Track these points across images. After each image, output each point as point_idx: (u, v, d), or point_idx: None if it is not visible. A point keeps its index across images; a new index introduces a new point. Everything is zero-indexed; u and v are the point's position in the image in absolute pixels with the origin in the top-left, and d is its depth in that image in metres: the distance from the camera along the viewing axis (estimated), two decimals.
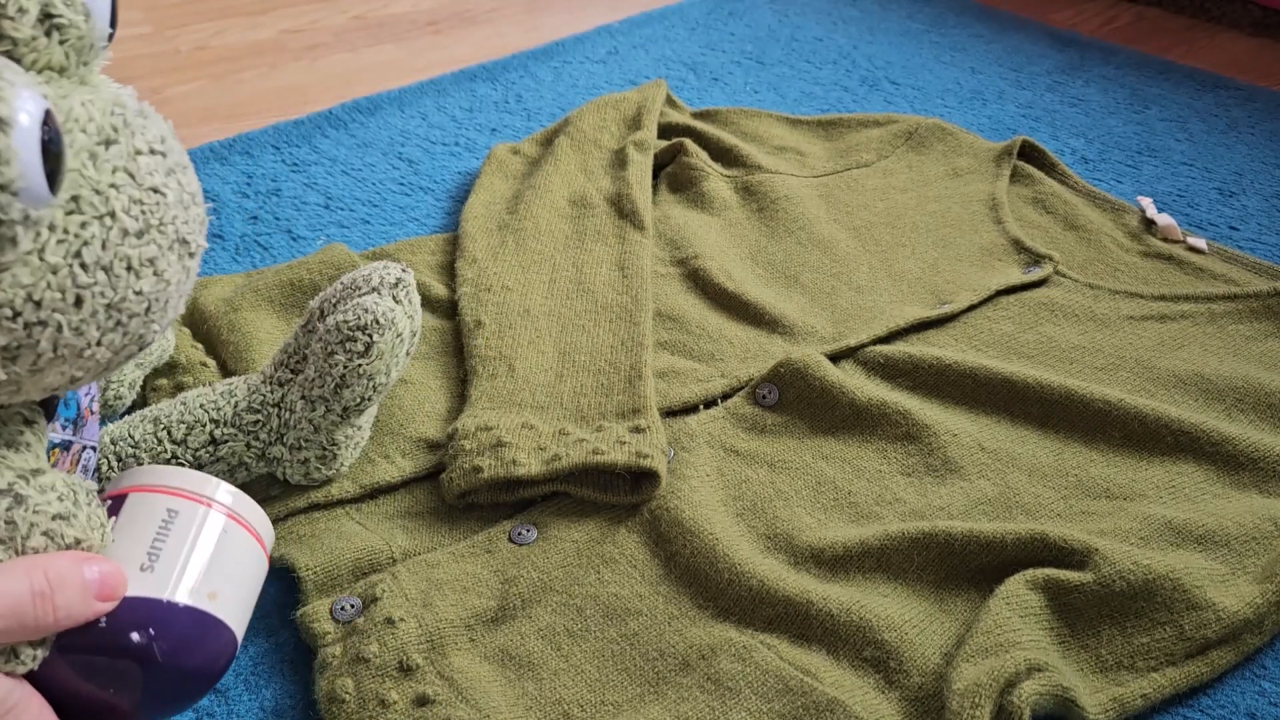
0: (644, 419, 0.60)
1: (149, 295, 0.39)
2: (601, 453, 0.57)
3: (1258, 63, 1.16)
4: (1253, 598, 0.52)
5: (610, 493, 0.58)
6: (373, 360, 0.55)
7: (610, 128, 0.90)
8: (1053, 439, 0.62)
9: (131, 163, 0.38)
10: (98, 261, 0.37)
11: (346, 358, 0.55)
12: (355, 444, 0.59)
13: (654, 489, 0.58)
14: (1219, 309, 0.72)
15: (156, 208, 0.38)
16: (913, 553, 0.54)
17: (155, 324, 0.40)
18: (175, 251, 0.39)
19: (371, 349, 0.55)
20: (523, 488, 0.58)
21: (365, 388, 0.56)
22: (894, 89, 1.09)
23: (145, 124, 0.39)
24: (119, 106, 0.38)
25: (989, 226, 0.81)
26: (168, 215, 0.39)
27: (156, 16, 1.22)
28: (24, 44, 0.36)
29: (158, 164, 0.39)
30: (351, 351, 0.55)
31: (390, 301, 0.56)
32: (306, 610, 0.53)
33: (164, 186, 0.39)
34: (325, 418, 0.56)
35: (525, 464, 0.57)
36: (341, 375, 0.55)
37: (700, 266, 0.76)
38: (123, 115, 0.38)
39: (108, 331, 0.38)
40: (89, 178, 0.36)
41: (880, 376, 0.66)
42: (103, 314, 0.37)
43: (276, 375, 0.58)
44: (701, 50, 1.16)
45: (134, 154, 0.38)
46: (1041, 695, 0.47)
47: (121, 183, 0.37)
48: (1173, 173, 0.93)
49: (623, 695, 0.49)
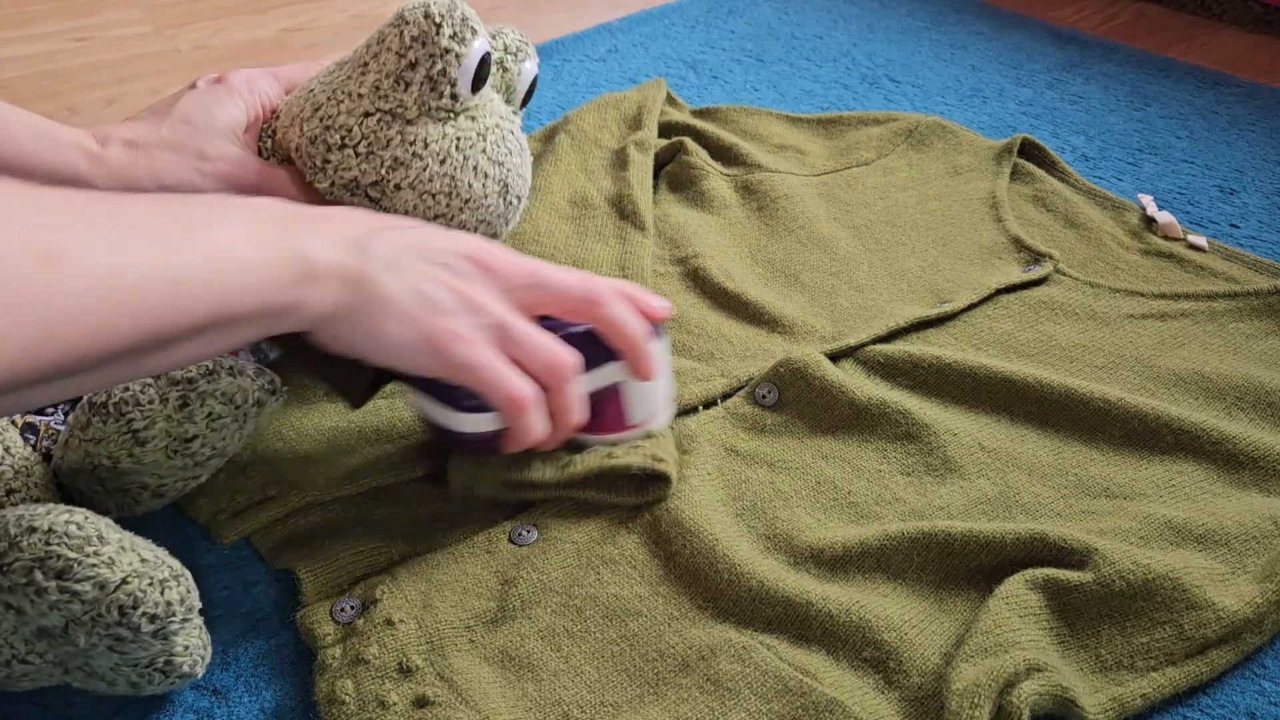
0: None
1: (478, 196, 0.60)
2: (615, 456, 0.57)
3: (1258, 60, 1.16)
4: (1253, 597, 0.51)
5: (615, 493, 0.58)
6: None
7: (611, 127, 0.90)
8: (1052, 438, 0.62)
9: (506, 123, 0.62)
10: (465, 154, 0.60)
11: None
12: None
13: (664, 491, 0.57)
14: (1220, 307, 0.71)
15: (506, 154, 0.62)
16: (912, 553, 0.54)
17: (464, 219, 0.61)
18: (499, 188, 0.62)
19: (89, 429, 0.53)
20: (529, 489, 0.58)
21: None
22: (894, 87, 1.09)
23: (518, 132, 0.64)
24: (513, 111, 0.66)
25: (989, 225, 0.81)
26: (510, 163, 0.62)
27: (156, 16, 1.22)
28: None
29: (513, 143, 0.62)
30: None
31: (139, 390, 0.53)
32: (306, 612, 0.53)
33: (513, 153, 0.62)
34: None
35: (539, 469, 0.57)
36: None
37: (700, 266, 0.76)
38: (512, 116, 0.65)
39: (454, 199, 0.60)
40: (483, 108, 0.61)
41: (880, 376, 0.66)
42: (449, 186, 0.60)
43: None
44: (701, 48, 1.16)
45: (509, 123, 0.63)
46: (1041, 695, 0.47)
47: (499, 124, 0.62)
48: (1173, 170, 0.93)
49: (622, 696, 0.49)
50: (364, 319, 0.48)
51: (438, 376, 0.51)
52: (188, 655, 0.48)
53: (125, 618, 0.44)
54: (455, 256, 0.51)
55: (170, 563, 0.47)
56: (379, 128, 0.58)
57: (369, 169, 0.58)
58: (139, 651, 0.46)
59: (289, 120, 0.60)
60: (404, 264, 0.49)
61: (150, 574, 0.45)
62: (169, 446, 0.54)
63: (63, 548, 0.44)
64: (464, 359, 0.49)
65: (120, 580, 0.44)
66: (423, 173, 0.58)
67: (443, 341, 0.49)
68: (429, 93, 0.58)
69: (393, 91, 0.58)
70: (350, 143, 0.58)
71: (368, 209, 0.59)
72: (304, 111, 0.60)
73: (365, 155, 0.57)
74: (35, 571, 0.43)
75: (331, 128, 0.58)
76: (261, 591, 0.56)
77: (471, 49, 0.57)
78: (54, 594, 0.43)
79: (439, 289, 0.50)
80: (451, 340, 0.49)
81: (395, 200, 0.59)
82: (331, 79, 0.60)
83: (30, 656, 0.46)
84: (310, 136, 0.59)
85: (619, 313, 0.53)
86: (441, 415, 0.54)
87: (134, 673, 0.47)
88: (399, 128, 0.58)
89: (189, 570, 0.47)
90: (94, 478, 0.54)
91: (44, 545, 0.44)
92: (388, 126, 0.58)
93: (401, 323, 0.49)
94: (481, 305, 0.50)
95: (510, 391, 0.50)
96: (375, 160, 0.57)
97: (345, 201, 0.59)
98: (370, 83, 0.58)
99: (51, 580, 0.43)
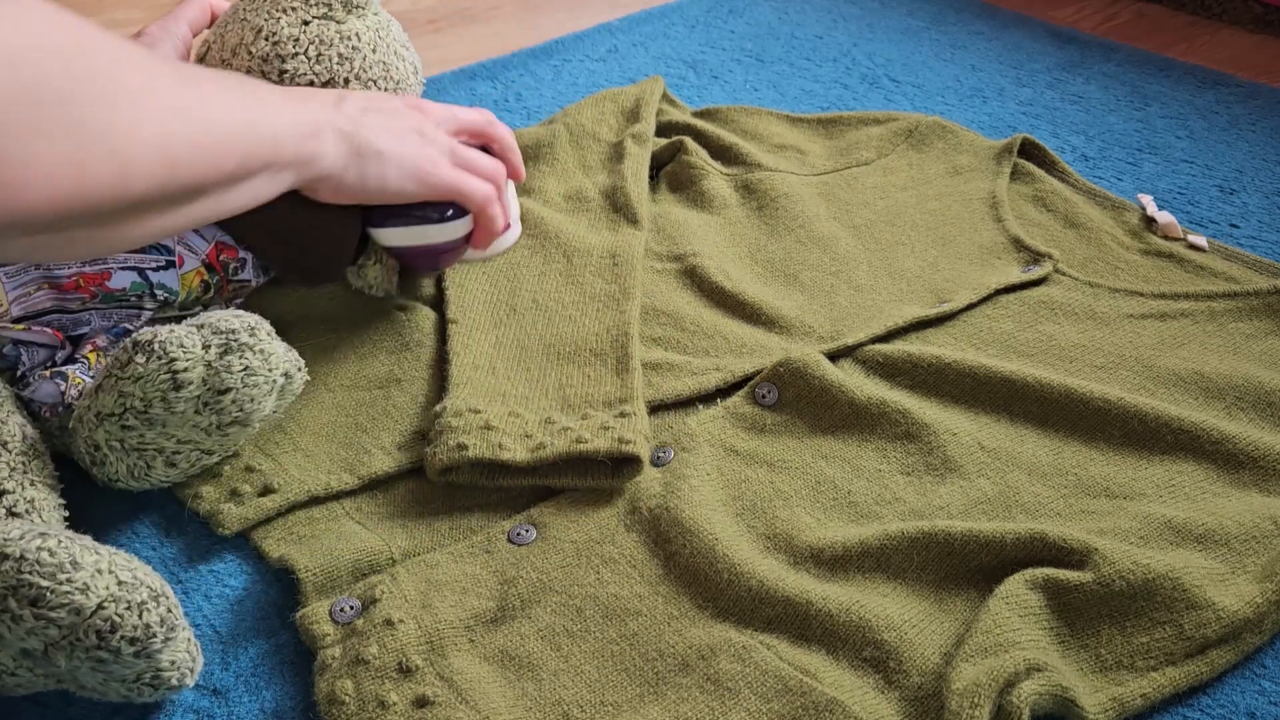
0: (630, 405, 0.61)
1: (404, 78, 0.70)
2: (585, 440, 0.58)
3: (1258, 60, 1.16)
4: (1252, 597, 0.51)
5: (591, 477, 0.58)
6: (134, 377, 0.53)
7: (609, 120, 0.90)
8: (1052, 438, 0.62)
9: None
10: (386, 41, 0.69)
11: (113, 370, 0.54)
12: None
13: (635, 474, 0.58)
14: (1219, 307, 0.71)
15: (406, 40, 0.72)
16: (912, 552, 0.54)
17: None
18: (413, 68, 0.71)
19: (129, 366, 0.53)
20: (505, 475, 0.58)
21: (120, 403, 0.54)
22: (894, 86, 1.09)
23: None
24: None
25: (989, 224, 0.81)
26: (411, 46, 0.72)
27: (156, 16, 1.22)
28: None
29: (400, 29, 0.71)
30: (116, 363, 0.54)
31: (184, 333, 0.54)
32: (306, 612, 0.53)
33: (408, 41, 0.72)
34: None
35: (511, 449, 0.58)
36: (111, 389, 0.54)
37: (698, 265, 0.76)
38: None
39: (388, 83, 0.68)
40: (376, 3, 0.69)
41: (879, 376, 0.66)
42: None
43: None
44: (701, 48, 1.16)
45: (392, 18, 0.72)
46: (1041, 695, 0.47)
47: (391, 18, 0.71)
48: (1173, 170, 0.93)
49: (622, 695, 0.49)
50: (365, 166, 0.60)
51: (422, 199, 0.64)
52: (175, 670, 0.48)
53: (104, 641, 0.44)
54: (399, 106, 0.64)
55: (149, 582, 0.46)
56: (320, 31, 0.66)
57: (321, 70, 0.65)
58: (123, 670, 0.46)
59: (229, 51, 0.66)
60: (372, 119, 0.61)
61: (127, 597, 0.45)
62: (201, 397, 0.54)
63: (34, 576, 0.43)
64: (444, 178, 0.63)
65: (96, 606, 0.44)
66: (363, 63, 0.67)
67: (425, 169, 0.62)
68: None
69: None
70: (300, 49, 0.65)
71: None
72: (245, 37, 0.66)
73: (316, 58, 0.65)
74: (9, 599, 0.43)
75: (279, 41, 0.65)
76: (261, 591, 0.56)
77: None
78: (29, 621, 0.43)
79: (405, 131, 0.62)
80: (431, 166, 0.63)
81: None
82: (257, 3, 0.67)
83: (19, 671, 0.46)
84: (261, 55, 0.65)
85: (504, 129, 0.70)
86: (421, 235, 0.66)
87: (123, 687, 0.47)
88: (335, 28, 0.66)
89: (190, 570, 0.47)
90: (118, 428, 0.54)
91: (15, 574, 0.43)
92: (327, 29, 0.66)
93: (391, 162, 0.61)
94: (434, 137, 0.64)
95: (481, 191, 0.64)
96: (325, 60, 0.65)
97: None
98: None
99: (26, 608, 0.43)
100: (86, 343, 0.61)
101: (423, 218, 0.65)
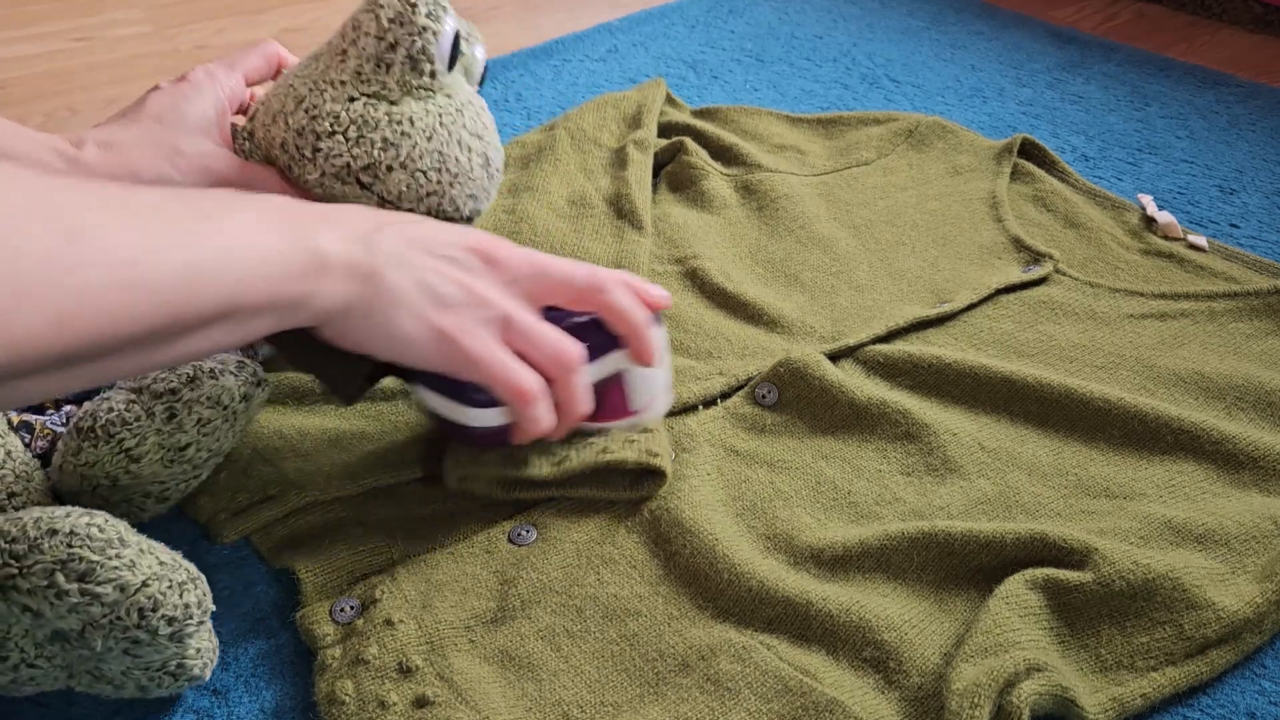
0: None
1: (465, 170, 0.61)
2: (610, 452, 0.57)
3: (1258, 60, 1.16)
4: (1253, 597, 0.51)
5: (610, 489, 0.58)
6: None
7: (610, 126, 0.90)
8: (1052, 438, 0.62)
9: (476, 99, 0.63)
10: (449, 129, 0.60)
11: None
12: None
13: (657, 486, 0.57)
14: (1219, 307, 0.71)
15: (482, 129, 0.62)
16: (912, 552, 0.54)
17: (454, 194, 0.61)
18: (482, 160, 0.62)
19: (80, 454, 0.53)
20: (524, 487, 0.58)
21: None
22: (894, 87, 1.09)
23: (485, 108, 0.65)
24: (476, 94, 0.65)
25: (989, 224, 0.81)
26: (488, 136, 0.63)
27: (156, 16, 1.22)
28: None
29: (486, 117, 0.64)
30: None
31: (124, 408, 0.53)
32: (306, 612, 0.53)
33: (488, 127, 0.63)
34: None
35: (536, 465, 0.57)
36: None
37: (699, 266, 0.76)
38: (477, 95, 0.64)
39: (443, 174, 0.60)
40: (457, 86, 0.62)
41: (880, 376, 0.66)
42: (436, 161, 0.60)
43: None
44: (701, 48, 1.16)
45: (478, 100, 0.64)
46: (1041, 695, 0.47)
47: (470, 101, 0.62)
48: (1173, 170, 0.93)
49: (622, 696, 0.49)
50: (374, 314, 0.49)
51: (445, 372, 0.52)
52: (199, 658, 0.48)
53: (144, 620, 0.44)
54: (460, 250, 0.52)
55: (186, 565, 0.47)
56: (366, 111, 0.59)
57: (360, 153, 0.59)
58: (153, 655, 0.46)
59: (270, 117, 0.61)
60: (411, 258, 0.50)
61: (169, 576, 0.45)
62: (164, 458, 0.54)
63: (85, 550, 0.44)
64: (471, 354, 0.50)
65: (141, 583, 0.44)
66: (412, 150, 0.59)
67: (450, 337, 0.50)
68: (410, 72, 0.59)
69: (375, 75, 0.59)
70: (339, 129, 0.59)
71: (362, 200, 0.60)
72: (286, 106, 0.60)
73: (355, 140, 0.59)
74: (57, 574, 0.43)
75: (319, 116, 0.59)
76: (261, 591, 0.56)
77: (445, 26, 0.59)
78: (75, 596, 0.43)
79: (446, 283, 0.50)
80: (459, 335, 0.50)
81: (388, 182, 0.59)
82: (309, 71, 0.61)
83: (39, 660, 0.46)
84: (297, 128, 0.59)
85: (622, 299, 0.54)
86: (449, 410, 0.55)
87: (144, 676, 0.47)
88: (385, 109, 0.59)
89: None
90: (95, 496, 0.54)
91: (66, 547, 0.44)
92: (374, 109, 0.59)
93: (410, 318, 0.49)
94: (487, 298, 0.51)
95: (517, 385, 0.51)
96: (365, 144, 0.58)
97: (335, 191, 0.60)
98: (351, 68, 0.59)
99: (73, 583, 0.43)
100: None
101: (445, 389, 0.54)
